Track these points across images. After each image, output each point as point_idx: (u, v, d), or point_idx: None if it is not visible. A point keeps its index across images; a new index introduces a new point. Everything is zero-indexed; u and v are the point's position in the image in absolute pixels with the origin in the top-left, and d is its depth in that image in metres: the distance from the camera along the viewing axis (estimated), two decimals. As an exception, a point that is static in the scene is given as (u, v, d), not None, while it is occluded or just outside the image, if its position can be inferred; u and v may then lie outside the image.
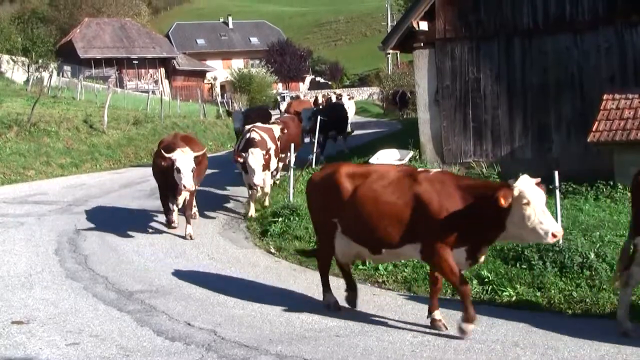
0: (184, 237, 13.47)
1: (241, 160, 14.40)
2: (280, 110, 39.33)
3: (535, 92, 17.63)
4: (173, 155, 12.85)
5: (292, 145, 16.31)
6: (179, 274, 11.32)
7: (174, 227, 13.81)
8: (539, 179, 7.87)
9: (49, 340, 8.34)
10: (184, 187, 12.82)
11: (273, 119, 22.40)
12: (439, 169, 8.53)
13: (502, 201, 7.47)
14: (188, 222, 13.81)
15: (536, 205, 7.48)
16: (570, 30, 17.11)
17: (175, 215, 13.86)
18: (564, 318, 8.76)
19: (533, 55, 17.60)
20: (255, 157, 14.28)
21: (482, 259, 8.36)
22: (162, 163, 12.99)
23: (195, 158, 13.12)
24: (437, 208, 7.96)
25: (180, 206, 13.75)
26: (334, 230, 8.97)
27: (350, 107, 35.24)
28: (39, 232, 14.38)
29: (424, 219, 8.05)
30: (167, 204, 13.78)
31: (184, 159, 12.81)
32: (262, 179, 14.70)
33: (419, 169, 8.64)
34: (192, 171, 12.87)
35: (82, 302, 9.91)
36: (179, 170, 12.72)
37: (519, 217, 7.52)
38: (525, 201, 7.46)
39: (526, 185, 7.59)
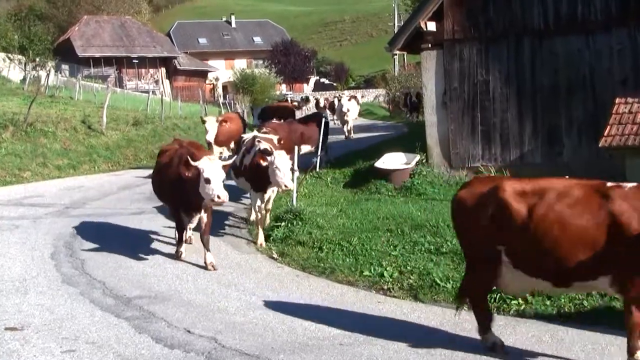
0: (205, 268, 12.09)
1: (265, 163, 13.07)
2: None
3: (546, 95, 17.59)
4: (199, 164, 11.30)
5: (296, 148, 16.07)
6: (178, 280, 11.32)
7: (181, 258, 12.63)
8: None
9: (44, 348, 8.31)
10: (218, 198, 11.11)
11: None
12: (634, 183, 7.35)
13: None
14: (207, 248, 12.20)
15: None
16: (582, 31, 17.06)
17: (187, 234, 13.12)
18: (574, 328, 8.70)
19: (543, 57, 17.56)
20: (283, 158, 13.03)
21: None
22: (187, 174, 11.34)
23: (224, 167, 11.58)
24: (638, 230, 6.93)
25: (194, 226, 12.60)
26: (499, 259, 7.72)
27: (351, 109, 35.08)
28: (34, 236, 14.38)
29: (620, 245, 6.99)
30: (181, 225, 12.55)
31: (213, 167, 11.28)
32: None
33: (609, 184, 7.47)
34: (222, 181, 11.39)
35: (78, 308, 9.89)
36: (208, 181, 11.12)
37: None
38: None
39: None
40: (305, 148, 19.80)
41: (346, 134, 34.29)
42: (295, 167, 15.52)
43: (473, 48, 18.27)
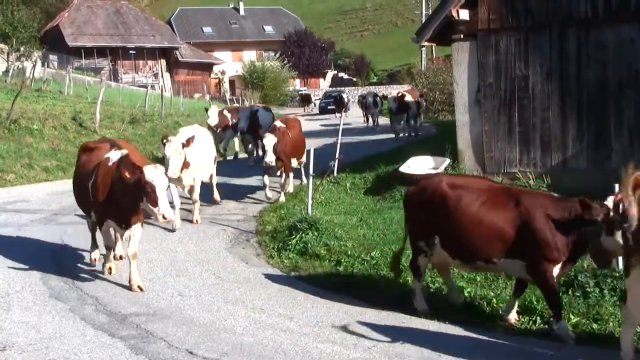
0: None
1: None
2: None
3: (593, 92, 17.49)
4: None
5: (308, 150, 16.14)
6: (180, 295, 11.34)
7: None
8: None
9: (30, 369, 8.36)
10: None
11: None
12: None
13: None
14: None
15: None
16: (635, 19, 16.92)
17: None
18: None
19: (590, 49, 17.48)
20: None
21: None
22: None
23: None
24: None
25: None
26: None
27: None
28: (19, 245, 14.43)
29: None
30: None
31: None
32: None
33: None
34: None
35: (68, 326, 9.93)
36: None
37: None
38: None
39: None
40: None
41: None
42: (310, 172, 15.61)
43: (511, 39, 18.21)
